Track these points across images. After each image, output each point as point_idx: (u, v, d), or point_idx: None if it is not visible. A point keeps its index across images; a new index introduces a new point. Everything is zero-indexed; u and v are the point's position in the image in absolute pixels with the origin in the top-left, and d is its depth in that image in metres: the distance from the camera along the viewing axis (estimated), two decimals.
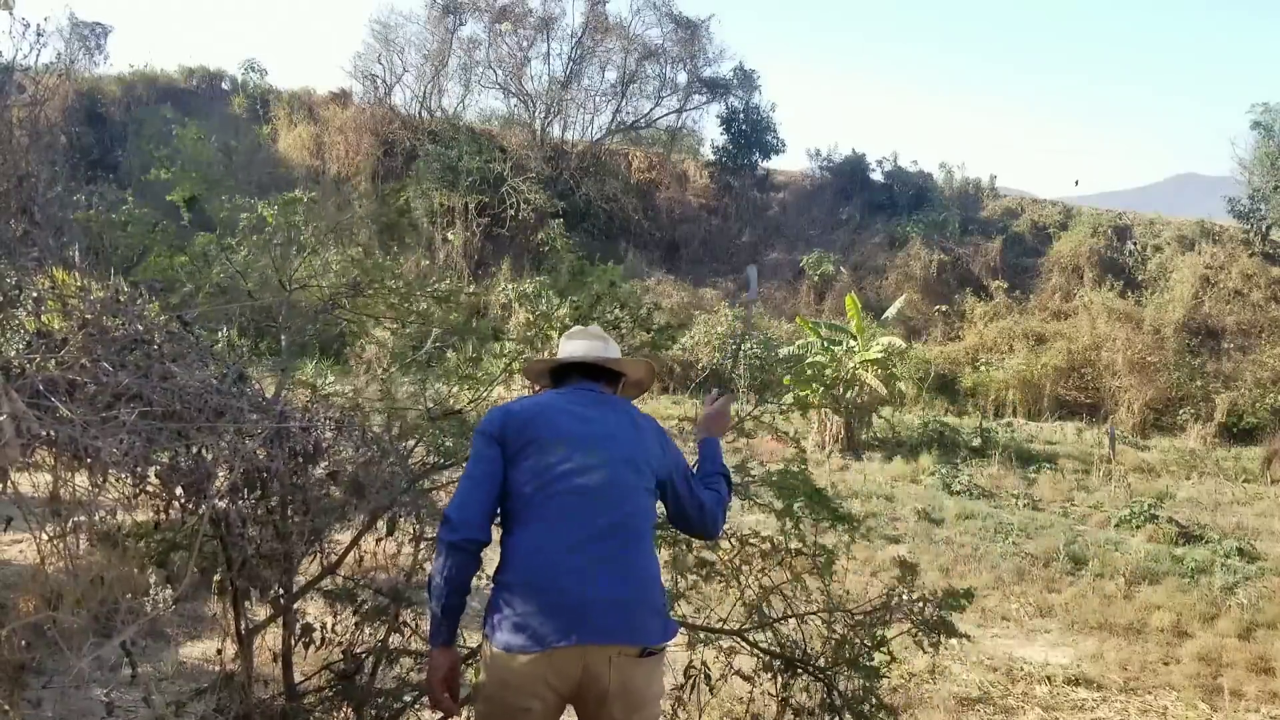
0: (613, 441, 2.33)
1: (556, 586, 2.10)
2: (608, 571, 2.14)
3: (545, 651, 2.06)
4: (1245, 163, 24.82)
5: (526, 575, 2.14)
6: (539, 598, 2.10)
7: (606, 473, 2.25)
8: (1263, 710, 6.23)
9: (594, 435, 2.32)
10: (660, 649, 2.18)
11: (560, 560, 2.13)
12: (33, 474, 2.06)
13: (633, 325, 3.25)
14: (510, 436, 2.29)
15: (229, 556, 2.64)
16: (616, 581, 2.13)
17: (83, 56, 28.64)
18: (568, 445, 2.27)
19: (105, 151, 25.37)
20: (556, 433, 2.29)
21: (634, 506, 2.26)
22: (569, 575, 2.11)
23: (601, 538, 2.17)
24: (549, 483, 2.22)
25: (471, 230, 25.02)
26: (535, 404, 2.42)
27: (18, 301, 2.13)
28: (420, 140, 26.56)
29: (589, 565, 2.13)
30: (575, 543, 2.15)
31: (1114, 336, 21.75)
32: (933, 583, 8.47)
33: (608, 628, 2.10)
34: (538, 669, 2.07)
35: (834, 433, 16.02)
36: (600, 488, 2.23)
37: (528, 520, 2.21)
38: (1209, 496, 13.95)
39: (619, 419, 2.42)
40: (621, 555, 2.17)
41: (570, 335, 2.70)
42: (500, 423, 2.32)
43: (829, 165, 29.70)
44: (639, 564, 2.21)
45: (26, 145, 2.39)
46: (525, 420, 2.32)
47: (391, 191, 24.24)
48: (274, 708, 2.90)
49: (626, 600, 2.14)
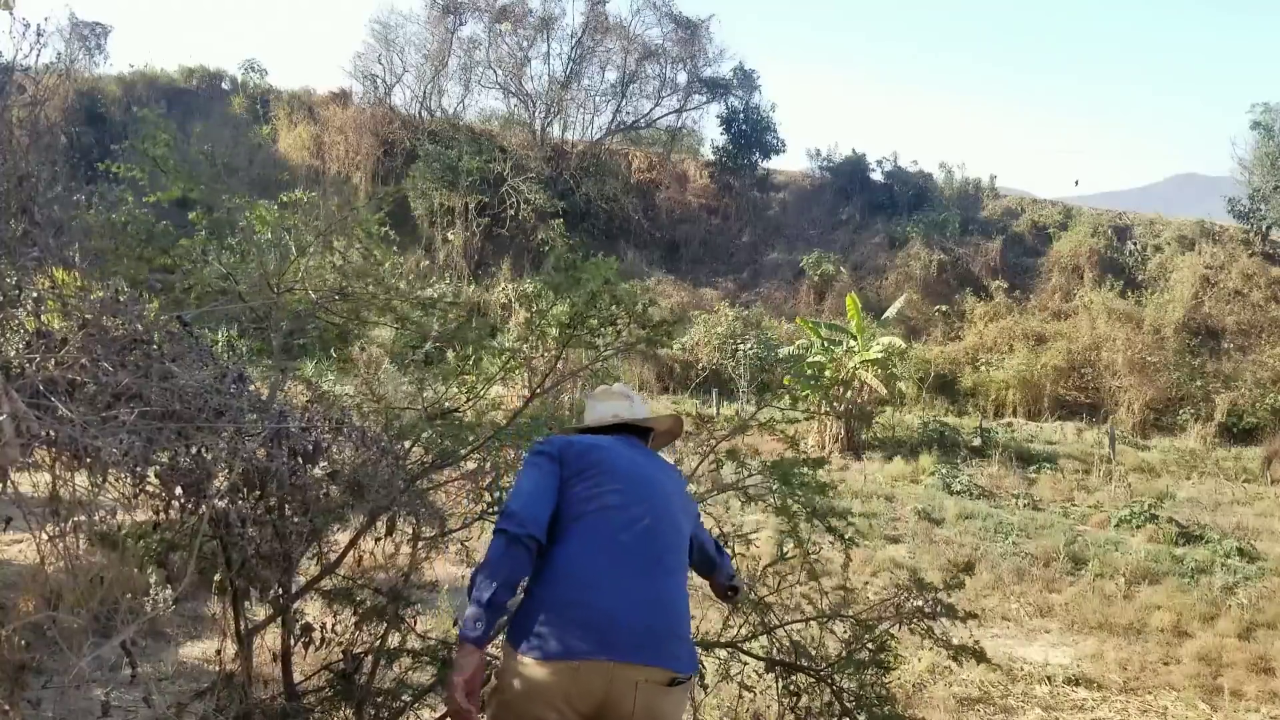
0: (660, 485, 2.44)
1: (592, 604, 2.11)
2: (644, 598, 2.16)
3: (571, 664, 2.04)
4: (1245, 163, 24.83)
5: (564, 590, 2.14)
6: (573, 611, 2.10)
7: (653, 509, 2.33)
8: (1263, 710, 6.24)
9: (644, 476, 2.43)
10: (687, 679, 2.18)
11: (599, 581, 2.16)
12: (33, 474, 2.05)
13: (628, 322, 3.25)
14: (569, 459, 2.36)
15: (229, 556, 2.64)
16: (652, 608, 2.16)
17: (83, 56, 28.68)
18: (621, 479, 2.36)
19: (105, 151, 25.38)
20: (613, 466, 2.39)
21: (675, 544, 2.35)
22: (606, 595, 2.13)
23: (642, 566, 2.22)
24: (599, 509, 2.27)
25: (471, 230, 25.03)
26: (594, 439, 2.52)
27: (18, 301, 2.13)
28: (420, 140, 26.56)
29: (627, 589, 2.15)
30: (616, 567, 2.19)
31: (1114, 336, 21.75)
32: (933, 583, 8.47)
33: (639, 648, 2.09)
34: (561, 680, 2.04)
35: (834, 433, 16.02)
36: (646, 521, 2.29)
37: (572, 538, 2.23)
38: (1209, 496, 13.95)
39: (663, 469, 2.57)
40: (659, 585, 2.21)
41: (595, 396, 2.77)
42: (560, 446, 2.41)
43: (829, 165, 29.70)
44: (674, 596, 2.25)
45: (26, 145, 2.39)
46: (585, 448, 2.41)
47: (389, 193, 24.27)
48: (274, 708, 2.90)
49: (659, 628, 2.15)
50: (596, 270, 3.09)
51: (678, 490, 2.54)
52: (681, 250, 27.13)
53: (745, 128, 28.58)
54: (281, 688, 3.02)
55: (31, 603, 2.67)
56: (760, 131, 28.61)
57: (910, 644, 6.83)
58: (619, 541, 2.22)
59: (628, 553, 2.21)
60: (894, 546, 9.71)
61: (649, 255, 26.33)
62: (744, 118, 28.59)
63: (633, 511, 2.29)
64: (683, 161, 30.37)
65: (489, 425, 3.35)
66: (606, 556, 2.19)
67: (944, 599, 3.47)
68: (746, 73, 28.99)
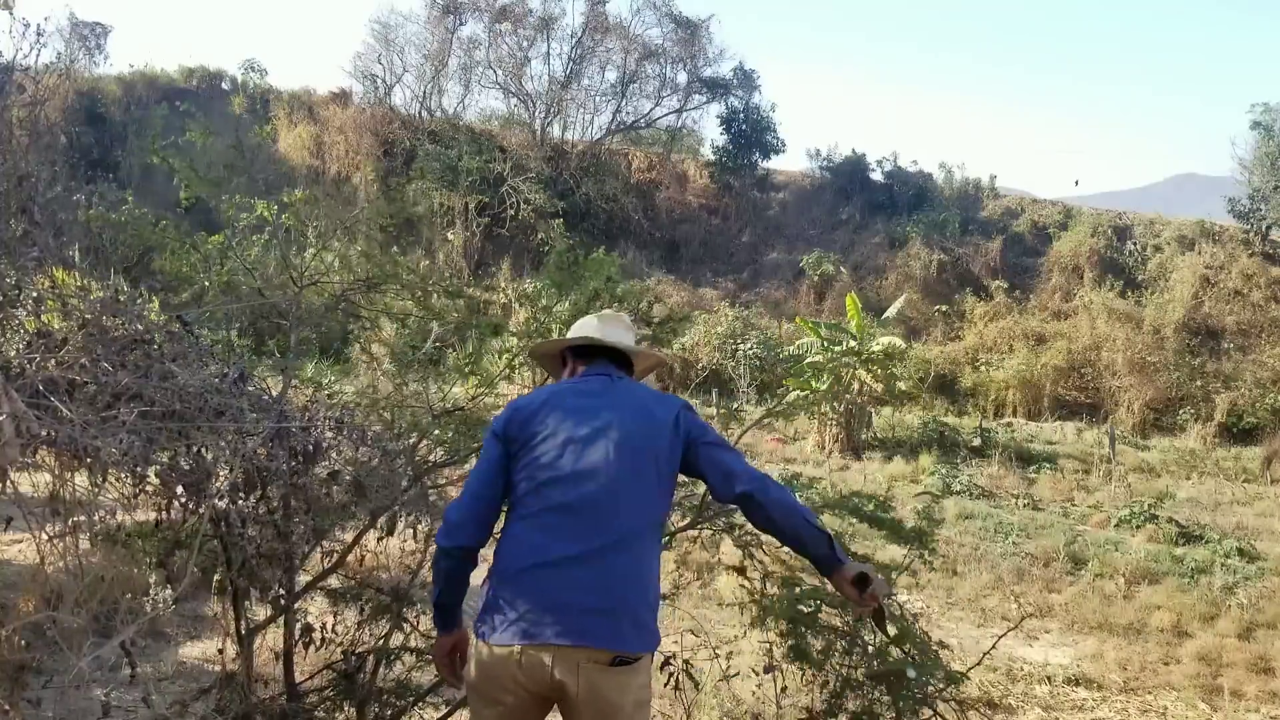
0: (618, 432, 2.25)
1: (536, 587, 2.11)
2: (585, 576, 2.11)
3: (514, 648, 2.09)
4: (1245, 163, 24.83)
5: (511, 572, 2.16)
6: (520, 595, 2.12)
7: (603, 475, 2.19)
8: (1263, 710, 6.23)
9: (596, 431, 2.25)
10: (635, 658, 2.12)
11: (543, 560, 2.13)
12: (33, 474, 2.05)
13: (631, 320, 3.25)
14: (514, 434, 2.28)
15: (229, 556, 2.64)
16: (597, 589, 2.10)
17: (83, 56, 28.66)
18: (567, 444, 2.24)
19: (105, 151, 25.38)
20: (557, 431, 2.25)
21: (629, 510, 2.19)
22: (550, 577, 2.11)
23: (585, 540, 2.14)
24: (544, 484, 2.20)
25: (471, 230, 25.02)
26: (541, 398, 2.37)
27: (18, 301, 2.13)
28: (420, 140, 26.56)
29: (567, 568, 2.12)
30: (556, 545, 2.14)
31: (1114, 336, 21.75)
32: (934, 583, 8.47)
33: (577, 631, 2.07)
34: (508, 664, 2.10)
35: (834, 433, 16.02)
36: (591, 486, 2.18)
37: (520, 517, 2.22)
38: (1209, 496, 13.95)
39: (631, 409, 2.32)
40: (604, 560, 2.13)
41: (585, 319, 2.68)
42: (505, 419, 2.32)
43: (829, 165, 29.69)
44: (624, 572, 2.15)
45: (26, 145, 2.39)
46: (528, 416, 2.30)
47: (399, 187, 24.25)
48: (275, 707, 2.90)
49: (603, 608, 2.09)
50: (598, 268, 3.09)
51: (649, 434, 2.28)
52: (681, 250, 27.12)
53: (745, 128, 28.56)
54: (283, 687, 3.02)
55: (31, 603, 2.67)
56: (760, 131, 28.59)
57: None
58: (560, 516, 2.16)
59: (568, 528, 2.15)
60: (894, 547, 9.70)
61: (649, 255, 26.32)
62: (744, 118, 28.58)
63: (577, 479, 2.18)
64: (683, 161, 30.36)
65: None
66: (546, 535, 2.15)
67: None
68: (746, 73, 29.00)
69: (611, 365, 2.50)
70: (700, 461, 2.30)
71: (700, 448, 2.30)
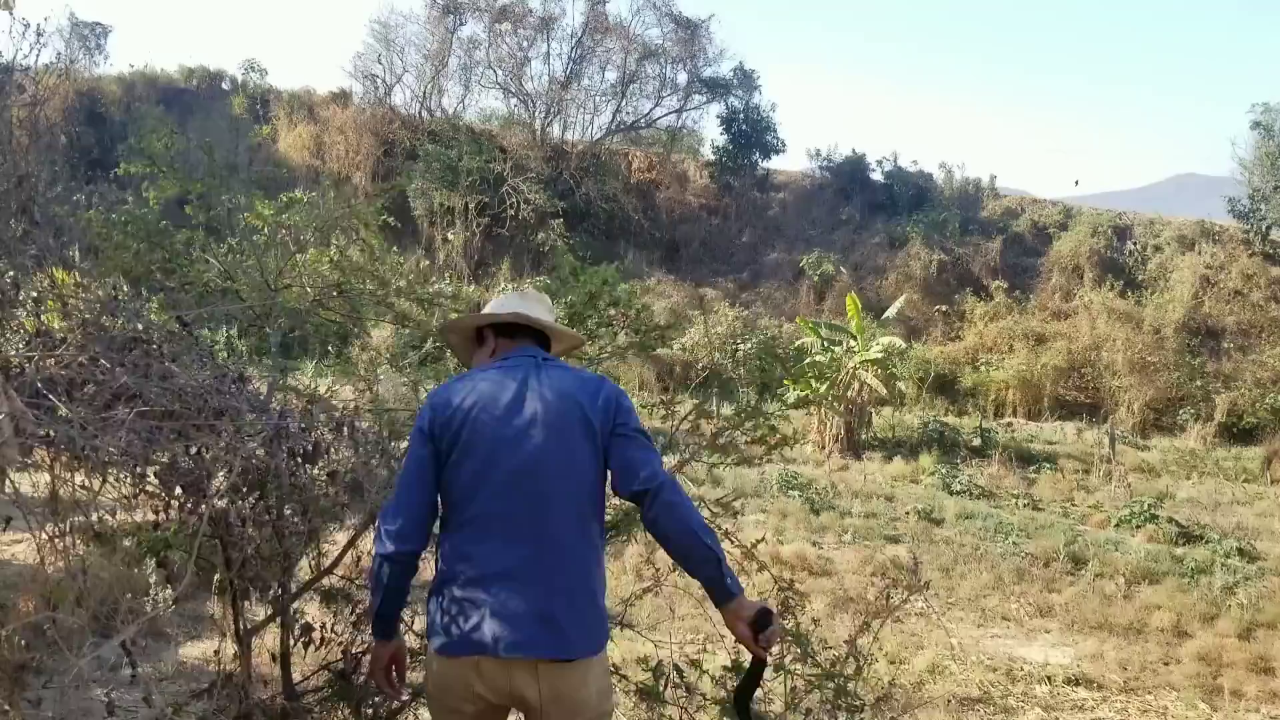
0: (545, 433, 2.15)
1: (483, 597, 2.06)
2: (532, 585, 2.07)
3: (470, 659, 2.06)
4: (1245, 163, 24.80)
5: (453, 583, 2.11)
6: (467, 606, 2.08)
7: (537, 474, 2.12)
8: (1263, 710, 6.24)
9: (525, 428, 2.15)
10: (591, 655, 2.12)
11: (485, 571, 2.08)
12: (33, 474, 2.05)
13: (623, 325, 3.24)
14: (438, 428, 2.17)
15: (228, 556, 2.64)
16: (540, 595, 2.06)
17: (83, 56, 28.66)
18: (496, 443, 2.14)
19: (105, 151, 25.37)
20: (484, 430, 2.15)
21: (565, 508, 2.13)
22: (491, 587, 2.07)
23: (523, 540, 2.10)
24: (477, 489, 2.13)
25: (471, 230, 25.01)
26: (464, 390, 2.22)
27: (17, 301, 2.13)
28: (420, 140, 26.56)
29: (512, 578, 2.07)
30: (498, 549, 2.09)
31: (1114, 336, 21.74)
32: (933, 582, 8.47)
33: (530, 642, 2.04)
34: (464, 675, 2.07)
35: (834, 433, 16.02)
36: (528, 495, 2.11)
37: (457, 526, 2.15)
38: (1209, 496, 13.95)
39: (558, 395, 2.20)
40: (546, 567, 2.09)
41: (507, 295, 2.56)
42: (430, 416, 2.19)
43: (829, 165, 29.68)
44: (567, 575, 2.11)
45: (26, 145, 2.39)
46: (453, 412, 2.17)
47: (387, 188, 24.25)
48: (274, 707, 2.90)
49: (550, 614, 2.05)
50: (597, 275, 3.09)
51: (576, 414, 2.17)
52: (681, 250, 27.11)
53: (745, 128, 28.56)
54: (281, 687, 3.02)
55: (31, 603, 2.67)
56: (760, 131, 28.59)
57: (905, 642, 6.85)
58: (499, 523, 2.11)
59: (506, 535, 2.09)
60: (894, 546, 9.70)
61: (649, 255, 26.32)
62: (744, 118, 28.57)
63: (510, 482, 2.11)
64: (683, 161, 30.36)
65: None
66: (485, 543, 2.10)
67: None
68: (746, 73, 28.99)
69: (536, 346, 2.40)
70: (610, 451, 2.18)
71: (614, 437, 2.18)
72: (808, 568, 8.47)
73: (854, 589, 7.86)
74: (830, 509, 11.00)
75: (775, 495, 11.41)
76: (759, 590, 4.11)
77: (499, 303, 2.50)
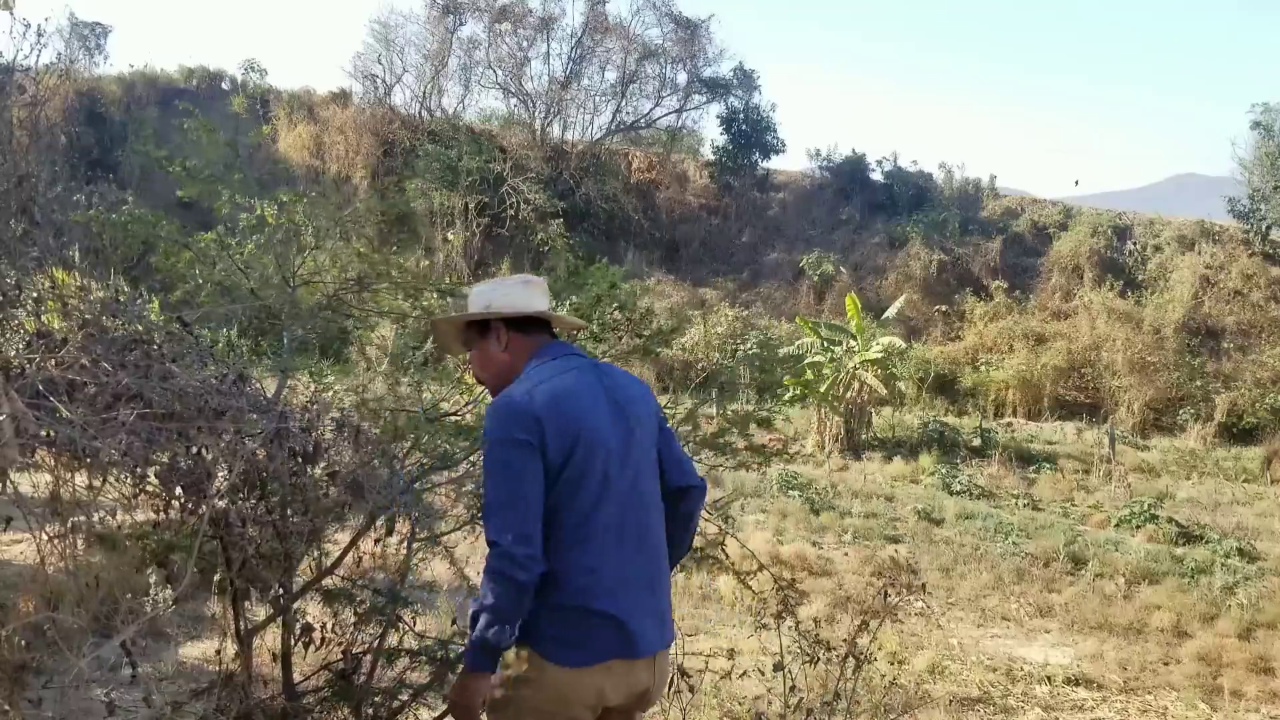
0: (632, 419, 2.19)
1: (614, 606, 2.10)
2: (652, 584, 2.20)
3: (605, 664, 2.10)
4: (1245, 163, 24.80)
5: (582, 598, 2.09)
6: (597, 617, 2.09)
7: (635, 464, 2.17)
8: (1263, 710, 6.24)
9: (625, 435, 2.16)
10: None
11: (614, 578, 2.12)
12: (33, 474, 2.05)
13: (627, 329, 3.24)
14: (550, 441, 2.05)
15: (229, 556, 2.64)
16: (655, 591, 2.20)
17: (83, 56, 28.64)
18: (606, 453, 2.12)
19: (105, 151, 25.37)
20: (593, 439, 2.10)
21: (658, 509, 2.25)
22: (623, 593, 2.12)
23: (638, 545, 2.17)
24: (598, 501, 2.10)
25: (471, 230, 25.01)
26: (560, 396, 2.12)
27: (18, 301, 2.13)
28: (420, 140, 26.56)
29: (635, 581, 2.16)
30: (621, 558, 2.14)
31: (1114, 336, 21.74)
32: (933, 583, 8.47)
33: (659, 638, 2.20)
34: (598, 681, 2.10)
35: (834, 433, 16.02)
36: (632, 488, 2.16)
37: (578, 539, 2.09)
38: (1209, 496, 13.95)
39: (632, 397, 2.23)
40: (655, 562, 2.22)
41: (510, 283, 2.39)
42: (538, 427, 2.05)
43: (829, 165, 29.68)
44: (665, 569, 2.27)
45: (26, 145, 2.39)
46: (565, 419, 2.08)
47: (391, 186, 24.24)
48: (274, 707, 2.90)
49: (663, 607, 2.23)
50: (601, 275, 3.09)
51: (648, 417, 2.25)
52: (681, 250, 27.11)
53: (745, 128, 28.55)
54: (281, 687, 3.02)
55: (31, 603, 2.67)
56: (760, 131, 28.58)
57: (905, 642, 6.84)
58: (616, 527, 2.12)
59: (626, 537, 2.14)
60: (894, 546, 9.70)
61: (649, 255, 26.31)
62: (744, 118, 28.57)
63: (621, 482, 2.13)
64: (683, 161, 30.35)
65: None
66: (613, 550, 2.12)
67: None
68: (746, 73, 28.99)
69: (550, 336, 2.35)
70: (659, 446, 2.28)
71: (662, 433, 2.32)
72: (808, 568, 8.48)
73: (854, 589, 7.87)
74: (830, 509, 11.00)
75: (775, 495, 11.41)
76: (759, 590, 4.10)
77: (501, 292, 2.35)
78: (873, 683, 5.03)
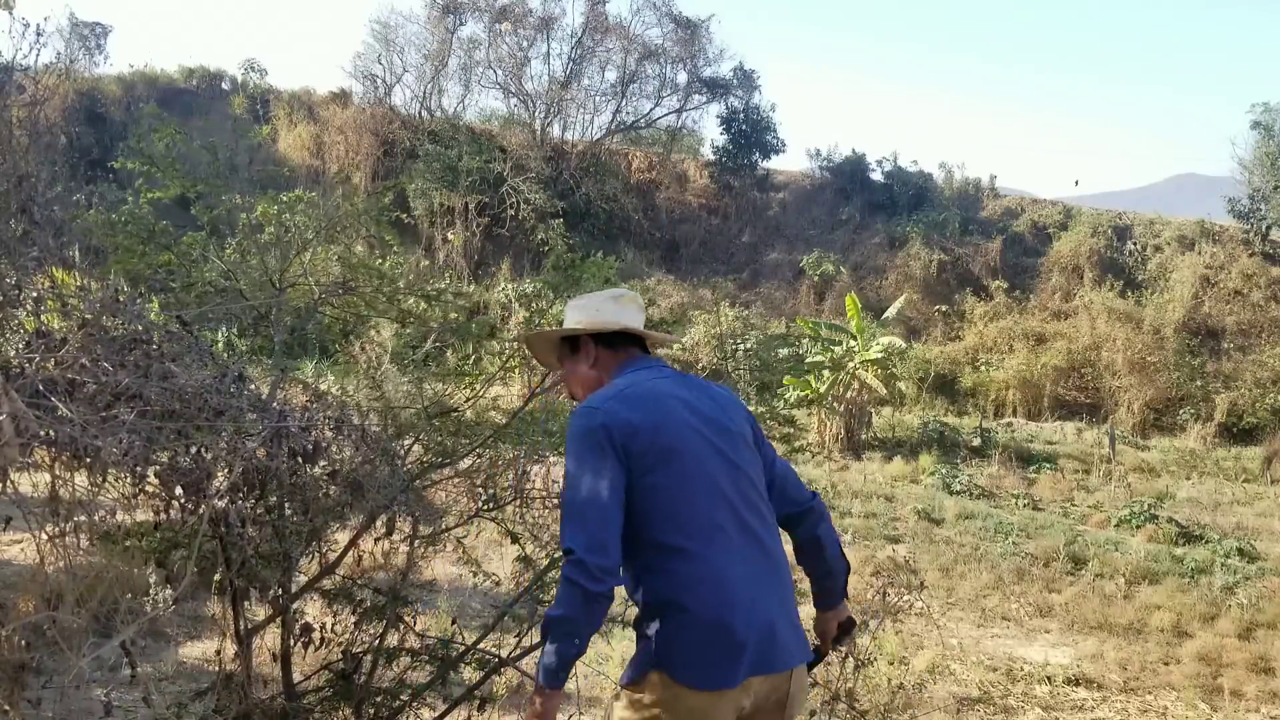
0: (730, 433, 2.13)
1: (738, 626, 1.97)
2: (774, 593, 2.06)
3: (741, 683, 1.98)
4: (1245, 163, 24.81)
5: (703, 612, 1.98)
6: (723, 631, 1.97)
7: (737, 474, 2.10)
8: (1263, 710, 6.24)
9: (719, 440, 2.10)
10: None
11: (735, 596, 2.00)
12: (33, 474, 2.05)
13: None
14: (634, 448, 1.99)
15: (228, 556, 2.64)
16: (783, 602, 2.08)
17: (83, 56, 28.65)
18: (700, 459, 2.05)
19: (105, 151, 25.37)
20: (685, 445, 2.04)
21: (768, 515, 2.15)
22: (747, 611, 2.00)
23: (756, 557, 2.06)
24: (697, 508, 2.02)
25: (471, 230, 25.02)
26: (644, 400, 2.09)
27: (17, 301, 2.13)
28: (420, 140, 26.56)
29: (761, 597, 2.03)
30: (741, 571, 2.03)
31: (1114, 336, 21.74)
32: (933, 582, 8.47)
33: (795, 651, 2.08)
34: (738, 699, 2.00)
35: (834, 433, 16.02)
36: (737, 496, 2.07)
37: (683, 548, 2.00)
38: (1209, 496, 13.95)
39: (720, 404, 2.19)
40: (778, 574, 2.10)
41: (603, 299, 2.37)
42: (620, 433, 2.00)
43: (829, 165, 29.68)
44: (787, 577, 2.14)
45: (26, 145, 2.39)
46: (652, 427, 2.02)
47: (386, 188, 24.26)
48: (274, 707, 2.90)
49: (793, 618, 2.09)
50: (596, 270, 3.09)
51: (741, 422, 2.19)
52: (681, 250, 27.11)
53: (745, 128, 28.55)
54: (281, 687, 3.02)
55: (31, 603, 2.67)
56: (760, 131, 28.58)
57: (904, 642, 6.84)
58: (721, 534, 2.01)
59: (741, 549, 2.03)
60: (894, 546, 9.70)
61: (649, 255, 26.32)
62: (744, 118, 28.57)
63: (726, 492, 2.05)
64: (683, 161, 30.35)
65: (488, 425, 3.36)
66: (720, 559, 2.00)
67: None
68: (746, 73, 28.99)
69: (641, 351, 2.32)
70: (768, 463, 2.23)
71: (763, 446, 2.24)
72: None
73: (854, 589, 7.86)
74: (830, 509, 10.99)
75: None
76: None
77: (596, 309, 2.34)
78: (873, 683, 5.04)
